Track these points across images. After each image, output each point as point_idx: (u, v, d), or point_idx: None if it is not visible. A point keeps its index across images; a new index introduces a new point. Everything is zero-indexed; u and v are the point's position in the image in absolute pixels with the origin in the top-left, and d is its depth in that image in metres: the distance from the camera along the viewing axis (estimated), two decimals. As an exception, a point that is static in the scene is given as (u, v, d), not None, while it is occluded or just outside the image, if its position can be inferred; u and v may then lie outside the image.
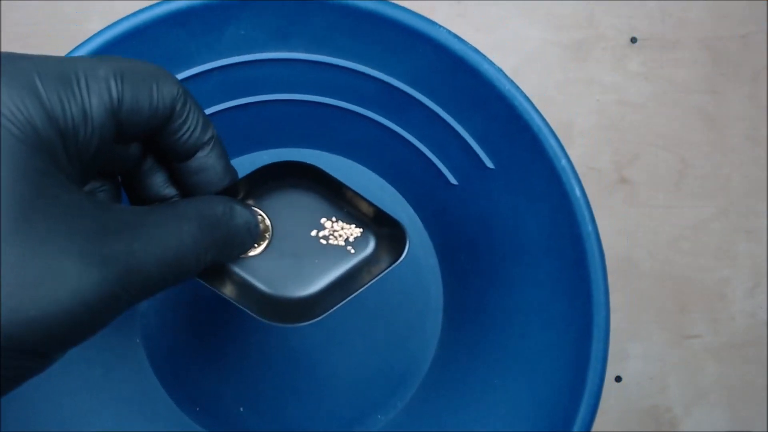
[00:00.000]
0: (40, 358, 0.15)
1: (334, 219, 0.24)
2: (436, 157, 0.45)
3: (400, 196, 0.49)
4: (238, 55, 0.39)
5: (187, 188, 0.22)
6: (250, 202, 0.24)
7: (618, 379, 0.66)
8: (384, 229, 0.24)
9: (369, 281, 0.23)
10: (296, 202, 0.24)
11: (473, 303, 0.47)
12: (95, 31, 0.65)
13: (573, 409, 0.38)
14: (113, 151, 0.19)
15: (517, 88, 0.40)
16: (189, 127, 0.19)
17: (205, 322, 0.43)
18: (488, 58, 0.40)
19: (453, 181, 0.45)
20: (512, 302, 0.44)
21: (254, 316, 0.23)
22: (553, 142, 0.40)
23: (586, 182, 0.66)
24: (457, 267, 0.48)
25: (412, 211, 0.49)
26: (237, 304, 0.23)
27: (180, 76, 0.40)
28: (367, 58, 0.41)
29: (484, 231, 0.45)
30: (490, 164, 0.43)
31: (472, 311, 0.47)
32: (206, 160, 0.20)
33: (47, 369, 0.16)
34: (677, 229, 0.66)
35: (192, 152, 0.20)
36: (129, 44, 0.37)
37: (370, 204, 0.24)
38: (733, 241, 0.66)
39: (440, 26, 0.40)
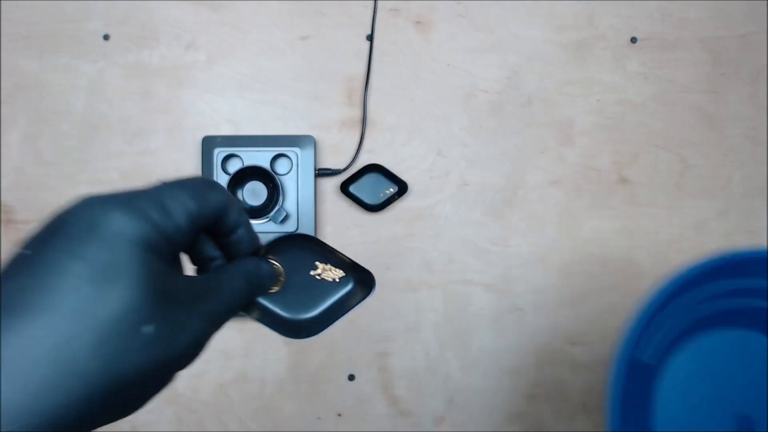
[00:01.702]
0: (169, 380, 0.27)
1: (325, 264, 0.36)
2: None
3: None
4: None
5: (228, 252, 0.33)
6: (270, 257, 0.35)
7: (618, 379, 0.66)
8: (359, 274, 0.36)
9: (349, 309, 0.36)
10: (299, 255, 0.36)
11: None
12: (95, 31, 0.66)
13: None
14: None
15: None
16: (232, 217, 0.31)
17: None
18: None
19: None
20: None
21: (277, 333, 0.35)
22: None
23: (586, 182, 0.66)
24: None
25: None
26: (265, 326, 0.34)
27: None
28: None
29: None
30: None
31: None
32: (241, 234, 0.32)
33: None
34: (677, 229, 0.66)
35: (233, 230, 0.32)
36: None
37: (348, 258, 0.36)
38: (733, 241, 0.66)
39: None
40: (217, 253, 0.33)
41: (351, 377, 0.65)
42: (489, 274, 0.65)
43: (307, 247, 0.36)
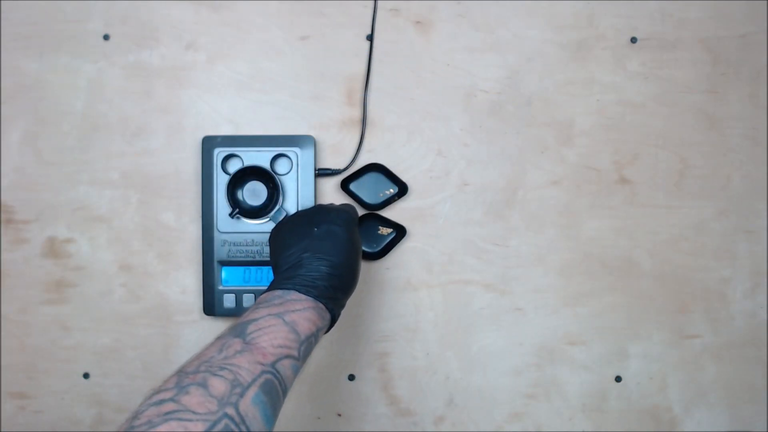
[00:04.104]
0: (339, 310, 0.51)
1: (383, 227, 0.64)
2: None
3: None
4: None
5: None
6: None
7: (618, 379, 0.66)
8: (398, 229, 0.65)
9: (395, 245, 0.65)
10: (371, 223, 0.65)
11: None
12: (95, 31, 0.66)
13: None
14: None
15: None
16: None
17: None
18: None
19: None
20: None
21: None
22: None
23: (586, 182, 0.66)
24: None
25: None
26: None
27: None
28: None
29: None
30: None
31: None
32: None
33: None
34: (677, 229, 0.66)
35: None
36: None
37: (394, 222, 0.65)
38: (733, 241, 0.66)
39: None
40: None
41: (351, 377, 0.65)
42: (489, 273, 0.65)
43: (374, 218, 0.64)
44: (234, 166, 0.62)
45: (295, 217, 0.55)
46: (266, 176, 0.62)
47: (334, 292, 0.49)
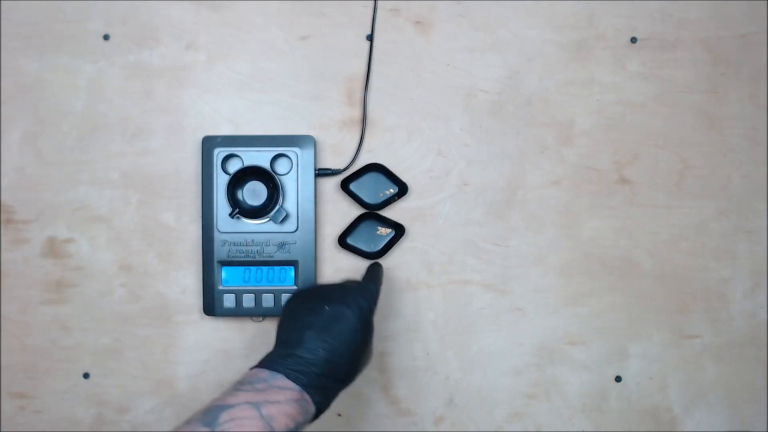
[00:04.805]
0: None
1: (382, 227, 0.64)
2: None
3: None
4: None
5: None
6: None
7: (618, 379, 0.66)
8: (398, 229, 0.65)
9: (394, 244, 0.65)
10: (369, 223, 0.65)
11: None
12: (95, 31, 0.66)
13: None
14: None
15: None
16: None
17: None
18: None
19: None
20: None
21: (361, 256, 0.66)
22: None
23: (586, 182, 0.66)
24: None
25: None
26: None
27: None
28: None
29: None
30: None
31: None
32: None
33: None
34: (677, 229, 0.66)
35: None
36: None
37: (393, 221, 0.65)
38: (733, 241, 0.66)
39: None
40: None
41: (351, 377, 0.65)
42: (489, 273, 0.65)
43: (372, 218, 0.64)
44: (234, 166, 0.62)
45: (312, 290, 0.54)
46: (266, 176, 0.62)
47: (327, 381, 0.46)
